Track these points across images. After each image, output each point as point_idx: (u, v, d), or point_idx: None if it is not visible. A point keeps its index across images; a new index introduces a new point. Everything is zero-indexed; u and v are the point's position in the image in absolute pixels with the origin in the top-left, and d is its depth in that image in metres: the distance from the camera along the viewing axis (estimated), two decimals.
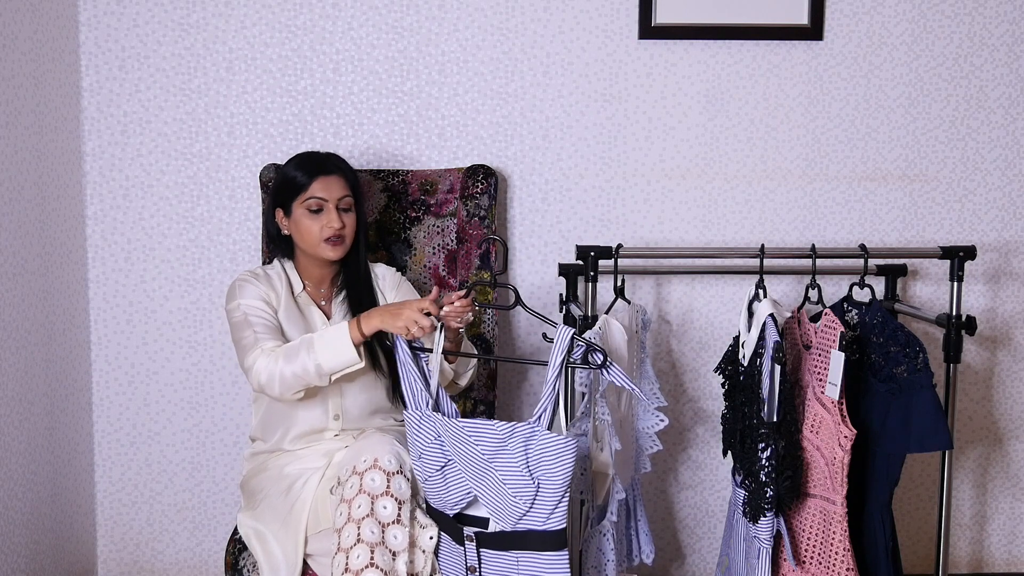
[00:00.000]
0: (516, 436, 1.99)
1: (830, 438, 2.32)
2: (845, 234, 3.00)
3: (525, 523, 2.00)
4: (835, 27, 2.93)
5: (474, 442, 2.03)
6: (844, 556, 2.33)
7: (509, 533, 2.02)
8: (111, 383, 2.95)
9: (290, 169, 2.42)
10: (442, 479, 2.10)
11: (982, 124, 2.99)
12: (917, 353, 2.34)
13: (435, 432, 2.10)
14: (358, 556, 2.06)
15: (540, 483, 1.97)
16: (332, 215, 2.37)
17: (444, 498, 2.11)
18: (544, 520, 1.99)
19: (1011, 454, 3.11)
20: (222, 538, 3.01)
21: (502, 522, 2.03)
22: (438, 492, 2.12)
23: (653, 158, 2.95)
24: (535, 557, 2.01)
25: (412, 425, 2.13)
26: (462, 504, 2.09)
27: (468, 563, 2.10)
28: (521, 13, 2.89)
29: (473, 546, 2.08)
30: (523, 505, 1.99)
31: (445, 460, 2.09)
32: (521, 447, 1.98)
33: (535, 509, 1.99)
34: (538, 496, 1.98)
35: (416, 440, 2.13)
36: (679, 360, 3.01)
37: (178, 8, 2.85)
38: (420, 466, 2.14)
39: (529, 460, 1.97)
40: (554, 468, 1.96)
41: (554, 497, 1.97)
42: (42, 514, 2.65)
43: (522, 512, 1.99)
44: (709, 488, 3.06)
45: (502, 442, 2.00)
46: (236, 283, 2.40)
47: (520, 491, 1.99)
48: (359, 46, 2.89)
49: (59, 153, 2.75)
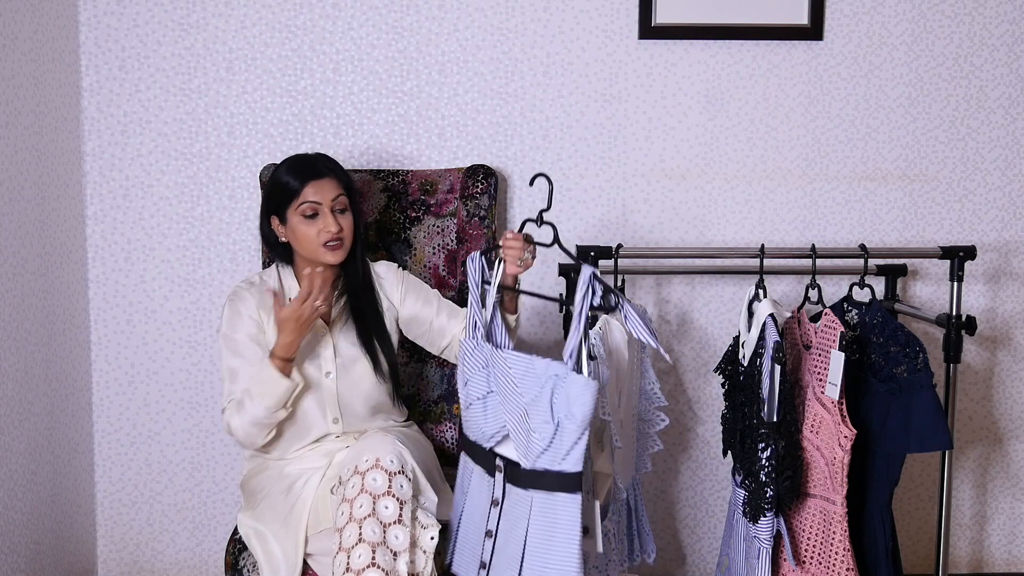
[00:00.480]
0: (549, 373, 2.03)
1: (830, 438, 2.32)
2: (845, 234, 3.00)
3: (543, 462, 2.02)
4: (835, 27, 2.93)
5: (514, 375, 2.07)
6: (844, 556, 2.33)
7: (529, 471, 2.05)
8: (111, 383, 2.95)
9: (280, 175, 2.38)
10: (482, 408, 2.14)
11: (982, 124, 2.99)
12: (917, 353, 2.34)
13: (484, 361, 2.15)
14: (359, 556, 2.06)
15: (560, 421, 2.00)
16: (328, 218, 2.34)
17: (483, 428, 2.14)
18: (560, 460, 2.01)
19: (1011, 454, 3.11)
20: (222, 538, 3.01)
21: (524, 459, 2.06)
22: (477, 422, 2.15)
23: (653, 158, 2.95)
24: (549, 498, 2.03)
25: (466, 352, 2.19)
26: (497, 437, 2.12)
27: (494, 495, 2.13)
28: (521, 13, 2.89)
29: (501, 477, 2.11)
30: (541, 443, 2.02)
31: (488, 390, 2.13)
32: (549, 385, 2.02)
33: (552, 448, 2.01)
34: (556, 435, 2.00)
35: (465, 367, 2.19)
36: (679, 360, 3.02)
37: (178, 8, 2.85)
38: (464, 393, 2.18)
39: (555, 397, 2.01)
40: (574, 408, 1.99)
41: (571, 437, 1.99)
42: (42, 514, 2.65)
43: (541, 449, 2.02)
44: (709, 488, 3.06)
45: (537, 378, 2.04)
46: (228, 303, 2.40)
47: (541, 428, 2.02)
48: (359, 46, 2.89)
49: (59, 153, 2.76)
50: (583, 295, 2.04)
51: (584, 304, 2.04)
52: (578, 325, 2.03)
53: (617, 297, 2.08)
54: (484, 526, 2.14)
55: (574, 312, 2.04)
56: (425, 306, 2.47)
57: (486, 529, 2.14)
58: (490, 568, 2.12)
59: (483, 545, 2.14)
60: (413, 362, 2.77)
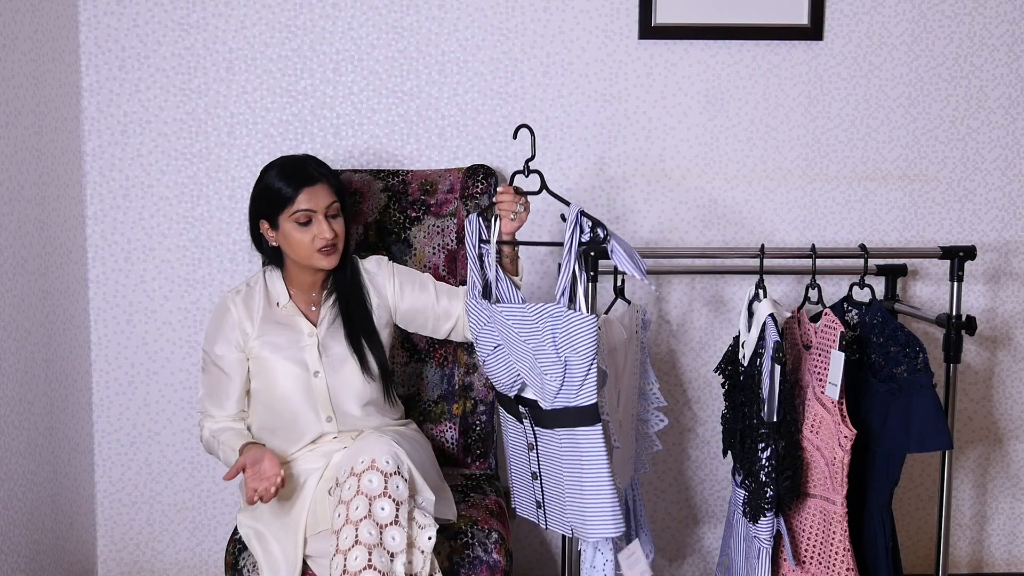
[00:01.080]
0: (544, 316, 2.11)
1: (830, 438, 2.32)
2: (845, 234, 3.00)
3: (561, 400, 2.12)
4: (835, 27, 2.93)
5: (512, 325, 2.16)
6: (844, 556, 2.33)
7: (550, 411, 2.14)
8: (111, 383, 2.95)
9: (272, 180, 2.36)
10: (495, 361, 2.25)
11: (982, 124, 2.99)
12: (917, 353, 2.34)
13: (486, 318, 2.26)
14: (356, 558, 2.06)
15: (567, 360, 2.08)
16: (323, 225, 2.33)
17: (501, 378, 2.26)
18: (575, 396, 2.10)
19: (1011, 454, 3.11)
20: (222, 538, 3.01)
21: (543, 401, 2.15)
22: (496, 374, 2.28)
23: (653, 158, 2.95)
24: (573, 433, 2.13)
25: (471, 311, 2.31)
26: (517, 386, 2.23)
27: (528, 440, 2.27)
28: (521, 13, 2.89)
29: (529, 424, 2.23)
30: (555, 383, 2.10)
31: (495, 344, 2.24)
32: (549, 327, 2.10)
33: (566, 386, 2.10)
34: (567, 373, 2.08)
35: (472, 324, 2.31)
36: (679, 360, 3.01)
37: (178, 8, 2.85)
38: (479, 348, 2.30)
39: (556, 338, 2.09)
40: (577, 344, 2.07)
41: (580, 372, 2.08)
42: (42, 514, 2.65)
43: (555, 389, 2.11)
44: (709, 488, 3.06)
45: (533, 323, 2.13)
46: (215, 313, 2.43)
47: (551, 369, 2.10)
48: (359, 46, 2.89)
49: (59, 153, 2.76)
50: (572, 231, 2.12)
51: (573, 240, 2.12)
52: (568, 262, 2.11)
53: (605, 231, 2.14)
54: (528, 469, 2.30)
55: (564, 249, 2.12)
56: (423, 293, 2.48)
57: (531, 471, 2.30)
58: (544, 506, 2.29)
59: (532, 487, 2.31)
60: (413, 362, 2.77)
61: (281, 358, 2.36)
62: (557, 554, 3.04)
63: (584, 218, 2.13)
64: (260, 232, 2.41)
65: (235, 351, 2.38)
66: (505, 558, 2.36)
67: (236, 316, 2.38)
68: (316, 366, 2.37)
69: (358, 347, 2.39)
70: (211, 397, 2.42)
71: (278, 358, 2.36)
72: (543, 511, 2.29)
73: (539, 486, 2.28)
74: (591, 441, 2.12)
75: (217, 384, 2.40)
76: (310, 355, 2.38)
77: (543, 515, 2.30)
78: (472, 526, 2.40)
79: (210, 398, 2.42)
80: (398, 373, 2.74)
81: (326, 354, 2.38)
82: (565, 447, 2.16)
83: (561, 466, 2.18)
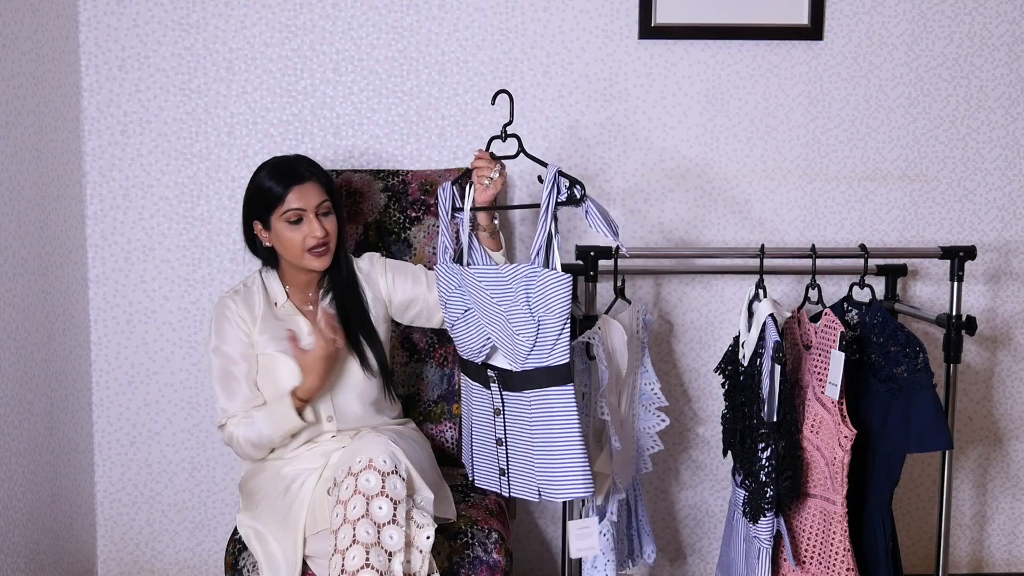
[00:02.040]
0: (517, 277, 2.11)
1: (830, 438, 2.32)
2: (845, 234, 3.00)
3: (532, 361, 2.11)
4: (835, 27, 2.93)
5: (484, 286, 2.16)
6: (844, 556, 2.33)
7: (520, 373, 2.13)
8: (111, 383, 2.95)
9: (263, 180, 2.37)
10: (464, 325, 2.23)
11: (982, 124, 2.99)
12: (917, 353, 2.34)
13: (457, 282, 2.24)
14: (354, 557, 2.06)
15: (540, 319, 2.08)
16: (313, 224, 2.34)
17: (469, 345, 2.24)
18: (547, 355, 2.10)
19: (1011, 454, 3.11)
20: (222, 538, 3.01)
21: (513, 363, 2.14)
22: (463, 340, 2.25)
23: (653, 158, 2.95)
24: (544, 394, 2.12)
25: (440, 277, 2.30)
26: (485, 351, 2.21)
27: (495, 405, 2.24)
28: (521, 13, 2.89)
29: (497, 388, 2.21)
30: (527, 343, 2.09)
31: (465, 308, 2.22)
32: (523, 287, 2.10)
33: (538, 346, 2.09)
34: (539, 332, 2.08)
35: (441, 291, 2.29)
36: (679, 360, 3.01)
37: (178, 8, 2.85)
38: (447, 314, 2.29)
39: (529, 298, 2.09)
40: (551, 303, 2.07)
41: (554, 331, 2.08)
42: (42, 514, 2.65)
43: (527, 349, 2.10)
44: (709, 488, 3.06)
45: (507, 283, 2.12)
46: (215, 314, 2.41)
47: (523, 329, 2.09)
48: (359, 46, 2.89)
49: (59, 153, 2.76)
50: (549, 191, 2.13)
51: (550, 200, 2.13)
52: (544, 221, 2.12)
53: (581, 191, 2.15)
54: (494, 435, 2.26)
55: (540, 209, 2.13)
56: (415, 284, 2.49)
57: (496, 438, 2.26)
58: (509, 473, 2.25)
59: (496, 454, 2.27)
60: (413, 362, 2.77)
61: (284, 355, 2.37)
62: (557, 554, 3.04)
63: (562, 178, 2.14)
64: (254, 234, 2.42)
65: (243, 344, 2.39)
66: (505, 558, 2.36)
67: (237, 313, 2.39)
68: None
69: (357, 345, 2.40)
70: (229, 394, 2.37)
71: (281, 356, 2.37)
72: (507, 478, 2.25)
73: (504, 452, 2.24)
74: (563, 401, 2.11)
75: (232, 379, 2.38)
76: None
77: (506, 482, 2.25)
78: (472, 526, 2.40)
79: (229, 396, 2.37)
80: (398, 373, 2.74)
81: None
82: (535, 409, 2.14)
83: (530, 429, 2.16)
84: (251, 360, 2.38)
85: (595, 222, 2.16)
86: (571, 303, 2.09)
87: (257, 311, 2.40)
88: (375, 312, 2.46)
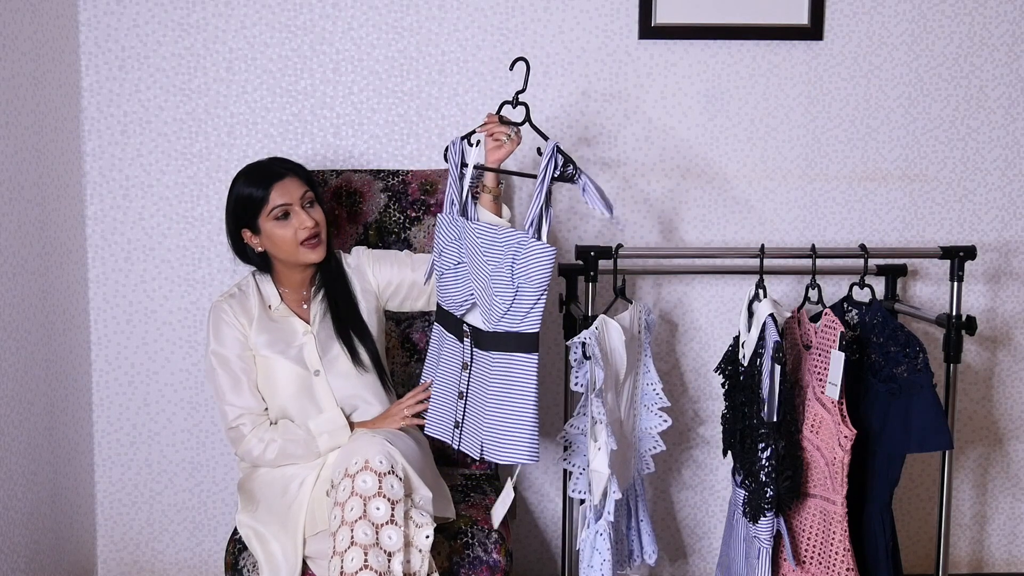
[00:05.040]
0: (509, 241, 2.14)
1: (830, 438, 2.32)
2: (845, 234, 3.00)
3: (504, 324, 2.15)
4: (835, 27, 2.93)
5: (480, 243, 2.18)
6: (844, 556, 2.33)
7: (492, 333, 2.17)
8: (111, 383, 2.95)
9: (242, 188, 2.38)
10: (453, 277, 2.26)
11: (982, 124, 2.99)
12: (917, 353, 2.34)
13: (457, 233, 2.26)
14: (352, 559, 2.06)
15: (519, 286, 2.11)
16: (301, 215, 2.35)
17: (453, 296, 2.26)
18: (520, 321, 2.14)
19: (1011, 454, 3.11)
20: (222, 538, 3.01)
21: (487, 322, 2.18)
22: (449, 290, 2.28)
23: (653, 158, 2.95)
24: (509, 358, 2.16)
25: (442, 225, 2.30)
26: (466, 305, 2.24)
27: (463, 359, 2.27)
28: (521, 13, 2.89)
29: (469, 343, 2.25)
30: (502, 306, 2.13)
31: (458, 260, 2.25)
32: (511, 251, 2.13)
33: (512, 311, 2.13)
34: (516, 298, 2.12)
35: (439, 238, 2.30)
36: (679, 360, 3.01)
37: (178, 8, 2.85)
38: (439, 263, 2.30)
39: (514, 264, 2.12)
40: (532, 273, 2.10)
41: (530, 300, 2.12)
42: (42, 514, 2.65)
43: (501, 313, 2.14)
44: (709, 488, 3.06)
45: (499, 245, 2.15)
46: (212, 318, 2.41)
47: (502, 292, 2.13)
48: (359, 46, 2.89)
49: (59, 153, 2.76)
50: (545, 165, 2.15)
51: (546, 174, 2.15)
52: (539, 195, 2.15)
53: (576, 168, 2.18)
54: (457, 388, 2.29)
55: (536, 182, 2.15)
56: (400, 268, 2.49)
57: (458, 391, 2.29)
58: (463, 426, 2.27)
59: (455, 406, 2.29)
60: (413, 362, 2.77)
61: (282, 358, 2.37)
62: (557, 554, 3.04)
63: (559, 154, 2.17)
64: (244, 243, 2.42)
65: (241, 345, 2.39)
66: (505, 558, 2.36)
67: (233, 316, 2.39)
68: (316, 364, 2.38)
69: (347, 339, 2.40)
70: (236, 392, 2.37)
71: (279, 358, 2.37)
72: (459, 431, 2.28)
73: (463, 406, 2.27)
74: (526, 369, 2.14)
75: (235, 378, 2.38)
76: (309, 353, 2.38)
77: (458, 435, 2.28)
78: (472, 526, 2.40)
79: (236, 393, 2.37)
80: (398, 373, 2.74)
81: (322, 351, 2.39)
82: (498, 370, 2.16)
83: (488, 388, 2.19)
84: (249, 361, 2.39)
85: (591, 199, 2.19)
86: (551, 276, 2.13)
87: (253, 312, 2.41)
88: (366, 305, 2.47)
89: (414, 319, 2.77)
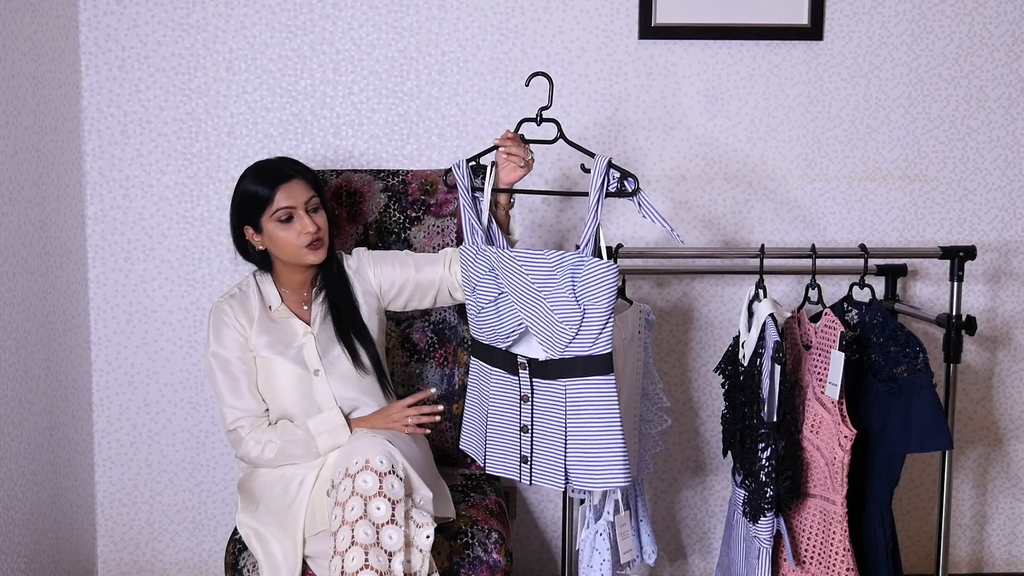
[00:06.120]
0: (564, 264, 2.08)
1: (830, 438, 2.32)
2: (845, 234, 3.00)
3: (573, 349, 2.08)
4: (835, 27, 2.93)
5: (525, 271, 2.12)
6: (844, 556, 2.33)
7: (557, 361, 2.10)
8: (111, 383, 2.95)
9: (249, 185, 2.37)
10: (495, 311, 2.18)
11: (982, 124, 2.99)
12: (917, 353, 2.34)
13: (489, 264, 2.18)
14: (353, 559, 2.06)
15: (586, 308, 2.05)
16: (305, 220, 2.34)
17: (497, 330, 2.18)
18: (591, 345, 2.07)
19: (1011, 454, 3.11)
20: (222, 538, 3.01)
21: (551, 351, 2.10)
22: (491, 325, 2.19)
23: (653, 158, 2.95)
24: (583, 383, 2.09)
25: (468, 259, 2.23)
26: (514, 336, 2.16)
27: (522, 392, 2.19)
28: (521, 13, 2.89)
29: (527, 374, 2.16)
30: (570, 331, 2.07)
31: (498, 292, 2.17)
32: (568, 274, 2.07)
33: (581, 335, 2.07)
34: (584, 321, 2.06)
35: (470, 274, 2.22)
36: (679, 360, 3.01)
37: (178, 8, 2.85)
38: (474, 299, 2.22)
39: (576, 286, 2.06)
40: (598, 293, 2.05)
41: (599, 321, 2.06)
42: (42, 514, 2.65)
43: (569, 338, 2.07)
44: (709, 488, 3.06)
45: (551, 270, 2.09)
46: (212, 319, 2.40)
47: (567, 317, 2.07)
48: (359, 46, 2.89)
49: (59, 153, 2.76)
50: (601, 181, 2.09)
51: (601, 192, 2.10)
52: (595, 212, 2.09)
53: (635, 183, 2.12)
54: (518, 422, 2.21)
55: (590, 199, 2.09)
56: (403, 269, 2.48)
57: (520, 425, 2.20)
58: (532, 460, 2.19)
59: (518, 441, 2.21)
60: (413, 362, 2.77)
61: (282, 358, 2.37)
62: (557, 554, 3.04)
63: (612, 169, 2.11)
64: (245, 240, 2.42)
65: (241, 346, 2.38)
66: (505, 558, 2.36)
67: (234, 317, 2.39)
68: (316, 365, 2.38)
69: (348, 341, 2.40)
70: (236, 394, 2.37)
71: (279, 359, 2.37)
72: (529, 466, 2.19)
73: (529, 440, 2.19)
74: (605, 391, 2.08)
75: (235, 380, 2.37)
76: (309, 354, 2.38)
77: (528, 470, 2.20)
78: (472, 526, 2.40)
79: (236, 396, 2.37)
80: (398, 373, 2.74)
81: (323, 352, 2.39)
82: (573, 398, 2.10)
83: (562, 417, 2.12)
84: (250, 362, 2.38)
85: (650, 213, 2.14)
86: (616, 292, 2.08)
87: (253, 313, 2.41)
88: (367, 307, 2.46)
89: (414, 319, 2.77)
